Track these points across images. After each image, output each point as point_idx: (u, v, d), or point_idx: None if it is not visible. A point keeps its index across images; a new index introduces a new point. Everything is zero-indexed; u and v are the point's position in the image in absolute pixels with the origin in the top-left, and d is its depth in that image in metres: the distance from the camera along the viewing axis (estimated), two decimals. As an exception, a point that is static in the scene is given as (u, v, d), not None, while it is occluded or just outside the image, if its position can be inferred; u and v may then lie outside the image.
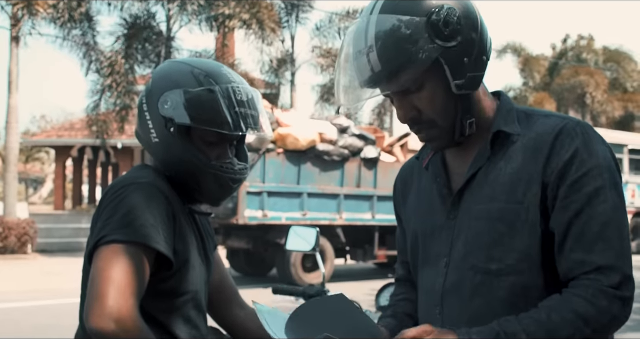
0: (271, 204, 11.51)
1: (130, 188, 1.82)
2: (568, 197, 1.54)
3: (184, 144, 1.91)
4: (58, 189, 27.03)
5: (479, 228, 1.61)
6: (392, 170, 12.87)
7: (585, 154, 1.54)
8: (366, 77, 1.55)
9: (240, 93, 1.94)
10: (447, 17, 1.53)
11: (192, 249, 1.94)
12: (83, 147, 27.54)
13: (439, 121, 1.61)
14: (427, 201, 1.75)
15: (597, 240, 1.51)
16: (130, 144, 24.23)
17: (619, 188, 1.57)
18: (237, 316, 2.23)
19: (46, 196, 44.41)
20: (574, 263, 1.53)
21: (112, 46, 18.24)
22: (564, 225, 1.54)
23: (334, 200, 12.27)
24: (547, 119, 1.63)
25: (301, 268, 11.85)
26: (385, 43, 1.51)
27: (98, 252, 1.73)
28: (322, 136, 11.87)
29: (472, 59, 1.58)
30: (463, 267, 1.63)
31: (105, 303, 1.63)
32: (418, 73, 1.54)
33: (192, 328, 1.94)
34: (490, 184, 1.62)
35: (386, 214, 12.75)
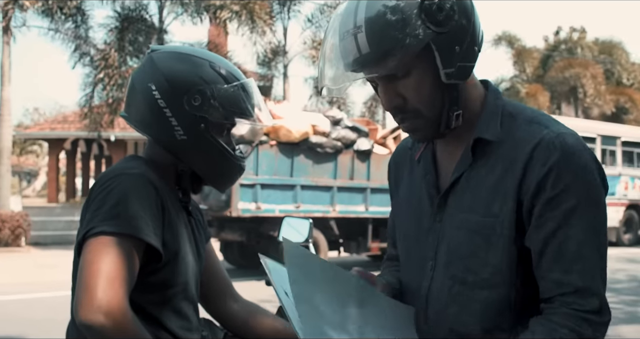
0: (264, 197, 11.52)
1: (120, 179, 1.81)
2: (543, 216, 1.49)
3: (216, 139, 1.96)
4: (51, 182, 26.99)
5: (459, 238, 1.59)
6: (385, 162, 12.79)
7: (562, 170, 1.48)
8: (352, 58, 1.50)
9: (251, 86, 2.01)
10: (442, 1, 1.48)
11: (182, 240, 1.93)
12: (76, 140, 27.49)
13: (424, 111, 1.56)
14: (417, 198, 1.73)
15: (575, 260, 1.47)
16: (123, 137, 24.19)
17: (598, 204, 1.51)
18: (230, 308, 2.22)
19: (40, 189, 44.32)
20: (552, 283, 1.49)
21: (104, 39, 18.22)
22: (540, 243, 1.50)
23: (328, 192, 12.27)
24: (528, 126, 1.56)
25: (295, 260, 11.86)
26: (376, 24, 1.46)
27: (87, 245, 1.71)
28: (315, 128, 11.87)
29: (464, 48, 1.53)
30: (445, 275, 1.61)
31: (94, 296, 1.61)
32: (408, 57, 1.48)
33: (183, 320, 1.94)
34: (471, 192, 1.59)
35: (379, 207, 12.79)
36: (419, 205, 1.71)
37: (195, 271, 2.02)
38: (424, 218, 1.68)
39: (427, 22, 1.47)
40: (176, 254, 1.89)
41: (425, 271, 1.66)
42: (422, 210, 1.69)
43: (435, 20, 1.47)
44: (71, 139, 27.03)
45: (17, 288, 10.51)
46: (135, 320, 1.68)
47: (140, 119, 1.98)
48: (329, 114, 12.46)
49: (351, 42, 1.49)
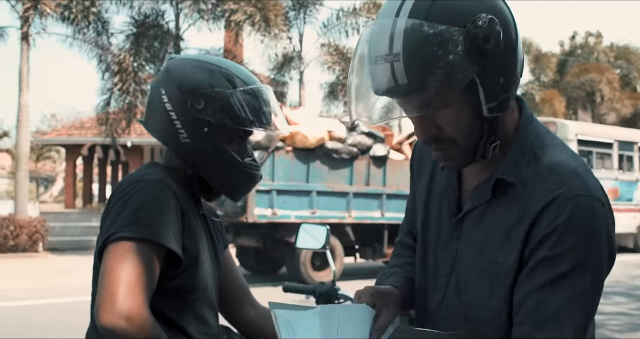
0: (280, 203, 11.54)
1: (139, 185, 1.82)
2: (535, 270, 1.42)
3: (222, 145, 1.94)
4: (69, 187, 27.18)
5: (473, 270, 1.54)
6: (400, 168, 12.86)
7: (564, 233, 1.39)
8: (386, 87, 1.37)
9: (264, 93, 1.99)
10: (489, 30, 1.36)
11: (201, 246, 1.94)
12: (93, 146, 27.67)
13: (461, 142, 1.45)
14: (437, 207, 1.68)
15: (548, 321, 1.41)
16: (139, 143, 24.32)
17: (595, 273, 1.42)
18: (248, 314, 2.23)
19: (57, 194, 44.58)
20: (521, 334, 1.43)
21: (121, 45, 18.32)
22: (523, 295, 1.44)
23: (343, 198, 12.28)
24: (550, 174, 1.46)
25: (310, 266, 11.88)
26: (416, 55, 1.32)
27: (107, 250, 1.73)
28: (331, 134, 11.88)
29: (507, 78, 1.42)
30: (463, 298, 1.57)
31: (115, 301, 1.63)
32: (449, 94, 1.37)
33: (203, 325, 1.94)
34: (484, 230, 1.53)
35: (395, 213, 12.77)
36: (439, 216, 1.67)
37: (214, 277, 2.03)
38: (443, 231, 1.65)
39: (473, 55, 1.35)
40: (196, 259, 1.90)
41: (438, 284, 1.64)
42: (442, 222, 1.66)
43: (481, 52, 1.35)
44: (88, 145, 27.20)
45: (35, 293, 10.57)
46: (155, 325, 1.69)
47: (153, 124, 2.00)
48: (345, 119, 12.46)
49: (386, 70, 1.36)
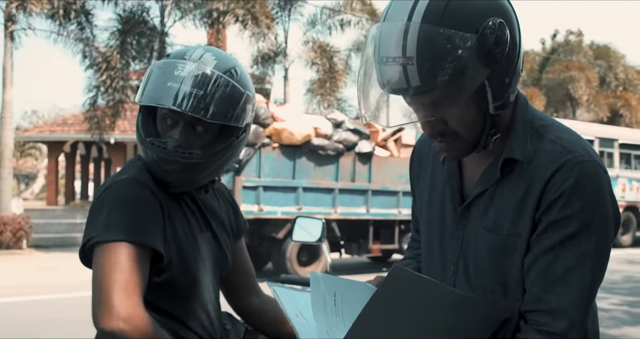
0: (267, 199, 11.58)
1: (111, 189, 1.84)
2: (544, 233, 1.51)
3: (137, 121, 1.93)
4: (51, 184, 27.00)
5: (485, 252, 1.60)
6: (386, 164, 12.98)
7: (572, 196, 1.47)
8: (397, 87, 1.43)
9: (180, 69, 1.85)
10: (499, 34, 1.42)
11: (188, 236, 1.95)
12: (76, 143, 27.50)
13: (464, 135, 1.53)
14: (439, 200, 1.74)
15: (557, 282, 1.48)
16: (122, 139, 24.20)
17: (600, 235, 1.49)
18: (252, 303, 2.25)
19: (38, 191, 44.25)
20: (531, 297, 1.52)
21: (107, 41, 18.24)
22: (533, 257, 1.52)
23: (329, 194, 12.34)
24: (553, 147, 1.54)
25: (297, 261, 11.94)
26: (430, 60, 1.38)
27: (94, 257, 1.76)
28: (317, 130, 11.93)
29: (512, 76, 1.50)
30: (474, 283, 1.63)
31: (110, 304, 1.66)
32: (458, 95, 1.44)
33: (201, 315, 1.97)
34: (495, 210, 1.59)
35: (380, 209, 12.91)
36: (442, 208, 1.73)
37: (212, 266, 2.03)
38: (447, 222, 1.71)
39: (485, 59, 1.42)
40: (180, 251, 1.91)
41: (446, 274, 1.70)
42: (445, 214, 1.72)
43: (492, 56, 1.42)
44: (70, 142, 27.04)
45: (20, 290, 10.52)
46: (153, 322, 1.71)
47: None
48: (331, 116, 12.51)
49: (398, 72, 1.41)
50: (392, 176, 13.08)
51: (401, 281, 1.43)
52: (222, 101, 1.88)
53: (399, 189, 13.10)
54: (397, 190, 13.10)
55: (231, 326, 2.13)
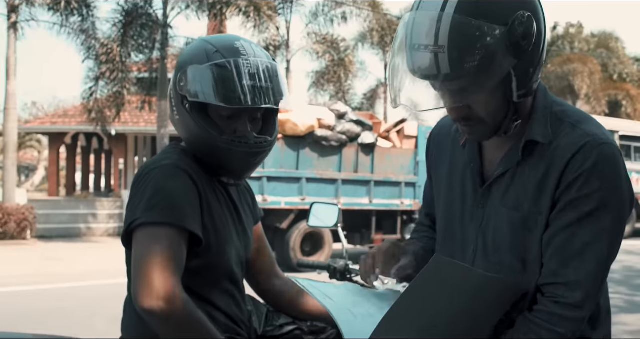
0: (271, 189, 11.64)
1: (154, 172, 1.90)
2: (563, 211, 1.58)
3: (197, 120, 1.95)
4: (52, 176, 27.02)
5: (505, 230, 1.68)
6: (389, 155, 13.03)
7: (591, 177, 1.55)
8: (427, 73, 1.51)
9: (249, 66, 1.93)
10: (527, 28, 1.50)
11: (223, 223, 2.02)
12: (76, 135, 27.50)
13: (488, 120, 1.62)
14: (460, 182, 1.82)
15: (574, 257, 1.57)
16: (123, 131, 24.23)
17: (616, 215, 1.57)
18: (274, 285, 2.32)
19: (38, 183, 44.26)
20: (548, 271, 1.60)
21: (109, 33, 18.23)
22: (551, 234, 1.60)
23: (332, 185, 12.39)
24: (573, 130, 1.62)
25: (300, 251, 12.01)
26: (461, 49, 1.46)
27: (134, 238, 1.83)
28: (320, 121, 11.96)
29: (536, 67, 1.58)
30: (490, 260, 1.71)
31: (151, 285, 1.72)
32: (487, 85, 1.53)
33: (230, 298, 2.04)
34: (515, 189, 1.66)
35: (383, 199, 12.98)
36: (463, 190, 1.81)
37: (241, 250, 2.11)
38: (467, 202, 1.79)
39: (513, 51, 1.50)
40: (217, 236, 1.98)
41: (466, 253, 1.78)
42: (466, 195, 1.80)
43: (519, 48, 1.51)
44: (71, 134, 27.04)
45: (25, 279, 10.54)
46: (190, 302, 1.79)
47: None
48: (334, 108, 12.52)
49: (429, 59, 1.48)
50: (395, 167, 13.14)
51: (441, 268, 1.51)
52: (283, 85, 2.02)
53: (401, 180, 13.16)
54: (399, 181, 13.15)
55: (253, 308, 2.20)
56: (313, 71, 25.23)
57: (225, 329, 1.98)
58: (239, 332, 2.05)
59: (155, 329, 1.78)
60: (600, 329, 1.72)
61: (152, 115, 21.52)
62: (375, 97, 30.22)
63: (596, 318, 1.69)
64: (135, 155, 27.61)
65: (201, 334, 1.79)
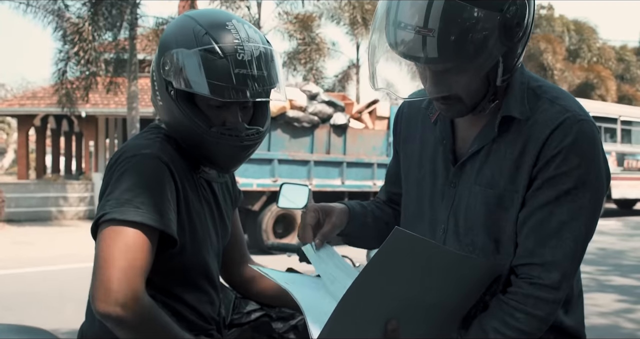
0: (242, 171, 11.53)
1: (133, 161, 1.75)
2: (540, 189, 1.55)
3: (184, 109, 1.81)
4: (21, 159, 26.61)
5: (478, 208, 1.63)
6: (361, 136, 13.00)
7: (570, 154, 1.52)
8: (411, 54, 1.45)
9: (243, 53, 1.76)
10: (521, 15, 1.45)
11: (201, 220, 1.92)
12: (46, 117, 27.15)
13: (466, 100, 1.57)
14: (431, 160, 1.77)
15: (551, 236, 1.53)
16: (94, 113, 23.95)
17: (594, 194, 1.54)
18: (245, 274, 2.27)
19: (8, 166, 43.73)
20: (524, 250, 1.56)
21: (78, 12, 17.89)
22: (527, 213, 1.56)
23: (305, 167, 12.36)
24: (551, 106, 1.58)
25: (272, 233, 11.98)
26: (452, 35, 1.40)
27: (100, 232, 1.69)
28: (292, 102, 11.89)
29: (521, 52, 1.54)
30: (463, 241, 1.67)
31: (110, 288, 1.60)
32: (474, 73, 1.49)
33: (203, 294, 1.97)
34: (490, 166, 1.62)
35: (355, 180, 12.98)
36: (433, 167, 1.76)
37: (217, 247, 2.03)
38: (438, 181, 1.74)
39: (504, 39, 1.44)
40: (193, 236, 1.88)
41: (436, 233, 1.74)
42: (437, 173, 1.75)
43: (511, 36, 1.46)
44: (41, 116, 26.67)
45: (-5, 264, 10.47)
46: (153, 307, 1.68)
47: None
48: (306, 88, 12.46)
49: (416, 41, 1.42)
50: (367, 147, 13.13)
51: (402, 242, 1.46)
52: (279, 73, 1.88)
53: (373, 161, 13.16)
54: (371, 162, 13.16)
55: (222, 295, 2.14)
56: (285, 52, 25.08)
57: (194, 327, 1.92)
58: (208, 329, 1.99)
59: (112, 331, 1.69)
60: (573, 313, 1.69)
61: (123, 97, 21.27)
62: (347, 78, 30.12)
63: (568, 301, 1.66)
64: (107, 137, 27.34)
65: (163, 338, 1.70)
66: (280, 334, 2.16)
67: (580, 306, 1.73)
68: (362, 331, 1.50)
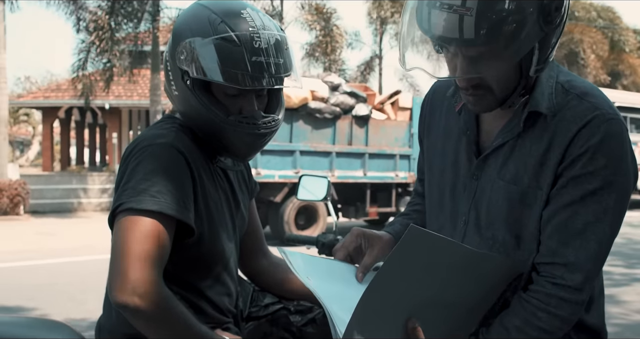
0: (264, 162, 11.56)
1: (148, 150, 1.74)
2: (565, 188, 1.50)
3: (201, 98, 1.80)
4: (46, 150, 26.91)
5: (501, 203, 1.59)
6: (383, 127, 12.94)
7: (597, 153, 1.47)
8: (447, 35, 1.39)
9: (259, 40, 1.76)
10: (559, 0, 1.40)
11: (218, 209, 1.90)
12: (70, 108, 27.40)
13: (497, 92, 1.52)
14: (454, 150, 1.73)
15: (576, 236, 1.49)
16: (117, 105, 24.14)
17: (620, 195, 1.50)
18: (261, 265, 2.24)
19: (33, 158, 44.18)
20: (548, 249, 1.53)
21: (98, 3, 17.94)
22: (551, 212, 1.52)
23: (326, 158, 12.32)
24: (580, 103, 1.52)
25: (294, 225, 11.97)
26: (490, 16, 1.34)
27: (117, 222, 1.68)
28: (314, 93, 11.85)
29: (557, 41, 1.48)
30: (482, 234, 1.63)
31: (127, 278, 1.58)
32: (509, 58, 1.42)
33: (221, 286, 1.94)
34: (514, 162, 1.58)
35: (377, 172, 12.92)
36: (456, 158, 1.72)
37: (235, 237, 2.01)
38: (461, 172, 1.70)
39: (542, 23, 1.39)
40: (211, 225, 1.86)
41: (456, 225, 1.70)
42: (459, 164, 1.71)
43: (549, 21, 1.40)
44: (65, 108, 26.91)
45: (18, 255, 10.53)
46: (170, 298, 1.66)
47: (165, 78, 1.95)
48: (328, 79, 12.41)
49: (453, 20, 1.36)
50: (389, 139, 13.06)
51: (418, 240, 1.42)
52: (293, 60, 1.87)
53: (395, 152, 13.10)
54: (394, 153, 13.09)
55: (240, 288, 2.12)
56: (307, 43, 25.05)
57: (211, 319, 1.90)
58: (225, 321, 1.97)
59: (130, 322, 1.66)
60: (594, 311, 1.64)
61: (146, 88, 21.38)
62: (369, 69, 30.05)
63: (590, 300, 1.61)
64: (130, 129, 27.53)
65: (179, 330, 1.68)
66: (298, 328, 2.14)
67: (602, 303, 1.69)
68: (383, 330, 1.48)
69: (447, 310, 1.51)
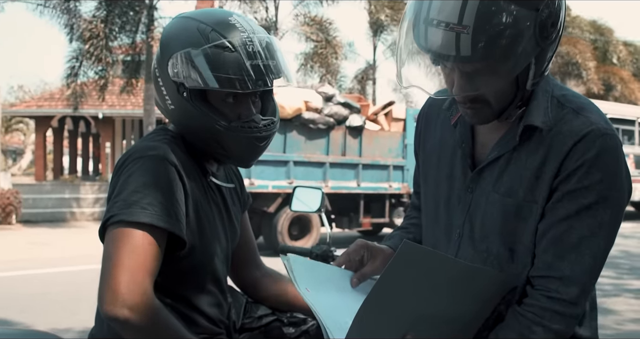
0: (258, 173, 11.56)
1: (139, 162, 1.73)
2: (560, 202, 1.51)
3: (200, 108, 1.80)
4: (39, 159, 26.84)
5: (496, 216, 1.59)
6: (376, 138, 12.97)
7: (593, 167, 1.48)
8: (443, 52, 1.40)
9: (252, 44, 1.79)
10: (556, 14, 1.42)
11: (210, 221, 1.90)
12: (63, 118, 27.32)
13: (494, 104, 1.53)
14: (449, 163, 1.73)
15: (571, 250, 1.50)
16: (111, 114, 24.10)
17: (614, 210, 1.51)
18: (253, 276, 2.23)
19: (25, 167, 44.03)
20: (543, 263, 1.53)
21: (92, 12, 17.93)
22: (547, 225, 1.53)
23: (320, 168, 12.34)
24: (575, 117, 1.53)
25: (288, 235, 11.96)
26: (488, 33, 1.35)
27: (108, 234, 1.67)
28: (307, 104, 11.87)
29: (552, 55, 1.50)
30: (476, 247, 1.63)
31: (117, 290, 1.58)
32: (506, 72, 1.43)
33: (212, 297, 1.94)
34: (510, 175, 1.58)
35: (371, 183, 12.94)
36: (451, 171, 1.72)
37: (226, 249, 2.00)
38: (455, 185, 1.70)
39: (539, 39, 1.40)
40: (202, 237, 1.85)
41: (451, 238, 1.70)
42: (454, 177, 1.71)
43: (546, 37, 1.42)
44: (58, 117, 26.85)
45: (10, 265, 10.49)
46: (161, 310, 1.66)
47: (155, 94, 1.95)
48: (321, 90, 12.44)
49: (449, 38, 1.37)
50: (383, 149, 13.09)
51: (411, 256, 1.43)
52: (284, 61, 1.88)
53: (389, 163, 13.12)
54: (387, 164, 13.12)
55: (232, 299, 2.11)
56: (301, 53, 25.10)
57: (203, 330, 1.89)
58: (217, 332, 1.96)
59: (120, 334, 1.66)
60: (587, 324, 1.64)
61: (140, 98, 21.36)
62: (365, 79, 30.12)
63: (583, 313, 1.61)
64: (123, 138, 27.48)
65: None
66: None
67: (594, 316, 1.69)
68: None
69: (442, 324, 1.51)
